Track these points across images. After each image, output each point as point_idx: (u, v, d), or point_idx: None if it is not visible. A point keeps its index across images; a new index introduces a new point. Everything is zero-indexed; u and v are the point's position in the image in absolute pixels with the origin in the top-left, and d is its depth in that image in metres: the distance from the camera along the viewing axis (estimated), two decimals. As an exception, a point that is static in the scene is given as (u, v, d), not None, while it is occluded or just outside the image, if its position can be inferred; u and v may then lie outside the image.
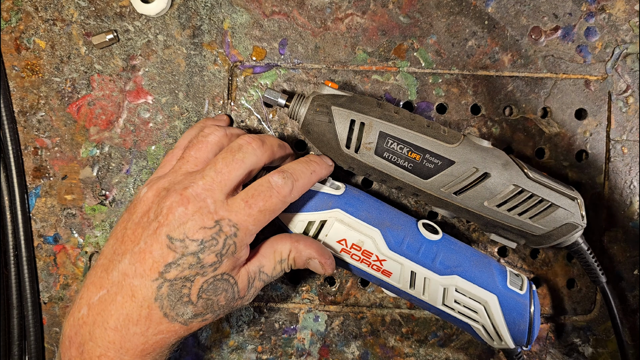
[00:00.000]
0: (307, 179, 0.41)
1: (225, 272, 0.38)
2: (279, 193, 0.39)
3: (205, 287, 0.37)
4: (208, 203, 0.37)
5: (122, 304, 0.37)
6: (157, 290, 0.36)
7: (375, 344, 0.53)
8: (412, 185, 0.45)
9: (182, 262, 0.36)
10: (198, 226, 0.36)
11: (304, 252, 0.42)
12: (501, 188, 0.44)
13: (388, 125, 0.43)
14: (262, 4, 0.50)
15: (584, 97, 0.51)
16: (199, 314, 0.38)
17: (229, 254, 0.37)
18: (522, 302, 0.45)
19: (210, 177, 0.38)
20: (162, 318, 0.37)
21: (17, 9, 0.51)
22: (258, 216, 0.38)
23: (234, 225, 0.37)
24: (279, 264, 0.42)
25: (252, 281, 0.40)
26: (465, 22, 0.50)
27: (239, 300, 0.40)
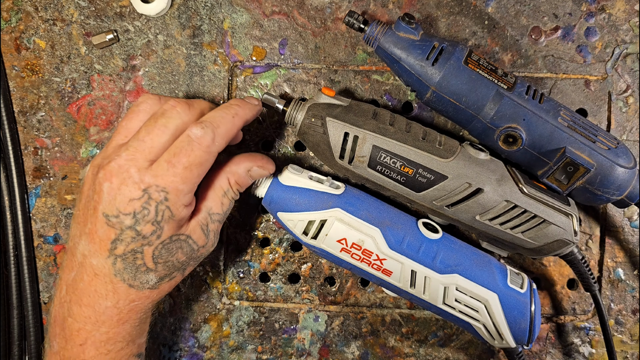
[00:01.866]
0: (230, 123, 0.40)
1: (171, 235, 0.38)
2: (200, 144, 0.38)
3: (157, 254, 0.38)
4: (132, 173, 0.37)
5: (89, 282, 0.38)
6: (113, 266, 0.37)
7: (375, 344, 0.53)
8: (405, 197, 0.46)
9: (124, 238, 0.37)
10: (127, 199, 0.36)
11: (239, 170, 0.42)
12: (494, 203, 0.44)
13: (382, 139, 0.44)
14: (262, 4, 0.50)
15: (584, 97, 0.51)
16: (164, 276, 0.39)
17: (166, 219, 0.37)
18: (522, 301, 0.45)
19: (133, 147, 0.37)
20: (128, 289, 0.38)
21: (17, 9, 0.51)
22: (185, 173, 0.37)
23: (163, 190, 0.37)
24: (224, 196, 0.42)
25: (206, 227, 0.40)
26: (465, 22, 0.50)
27: (202, 249, 0.41)
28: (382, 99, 0.51)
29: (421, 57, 0.44)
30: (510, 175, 0.45)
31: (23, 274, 0.51)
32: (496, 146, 0.45)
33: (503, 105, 0.43)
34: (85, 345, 0.39)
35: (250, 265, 0.53)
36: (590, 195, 0.45)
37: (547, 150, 0.44)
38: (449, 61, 0.43)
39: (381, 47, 0.45)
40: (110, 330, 0.39)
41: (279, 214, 0.46)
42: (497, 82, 0.44)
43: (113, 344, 0.40)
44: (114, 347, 0.40)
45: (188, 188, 0.38)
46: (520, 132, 0.43)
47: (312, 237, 0.45)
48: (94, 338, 0.39)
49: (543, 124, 0.43)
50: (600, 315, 0.49)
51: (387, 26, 0.45)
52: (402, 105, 0.51)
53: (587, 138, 0.43)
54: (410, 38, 0.44)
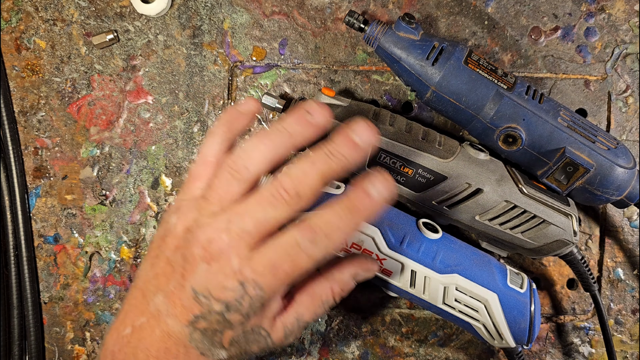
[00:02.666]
0: (345, 235, 0.33)
1: (255, 325, 0.37)
2: (308, 257, 0.34)
3: (236, 339, 0.37)
4: (232, 262, 0.34)
5: (160, 337, 0.36)
6: (190, 335, 0.36)
7: (375, 344, 0.53)
8: (405, 197, 0.46)
9: (210, 318, 0.35)
10: (222, 286, 0.34)
11: (344, 278, 0.39)
12: (493, 204, 0.44)
13: (382, 139, 0.44)
14: (262, 4, 0.50)
15: (583, 97, 0.51)
16: (234, 357, 0.38)
17: (256, 311, 0.36)
18: (522, 301, 0.45)
19: (236, 233, 0.34)
20: (199, 356, 0.37)
21: (18, 9, 0.51)
22: (286, 279, 0.35)
23: (260, 288, 0.34)
24: (321, 307, 0.39)
25: (291, 332, 0.39)
26: (465, 22, 0.50)
27: (271, 346, 0.39)
28: (382, 99, 0.51)
29: (421, 57, 0.44)
30: (510, 175, 0.45)
31: (23, 274, 0.51)
32: (496, 146, 0.45)
33: (503, 105, 0.43)
34: None
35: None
36: (589, 195, 0.45)
37: (546, 151, 0.44)
38: (449, 61, 0.44)
39: (381, 47, 0.45)
40: None
41: None
42: (497, 82, 0.44)
43: None
44: None
45: (284, 289, 0.36)
46: (520, 132, 0.43)
47: (312, 237, 0.45)
48: None
49: (543, 124, 0.43)
50: (599, 315, 0.49)
51: (387, 26, 0.45)
52: (402, 105, 0.51)
53: (587, 138, 0.43)
54: (411, 38, 0.45)
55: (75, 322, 0.53)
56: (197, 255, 0.35)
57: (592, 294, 0.49)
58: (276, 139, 0.35)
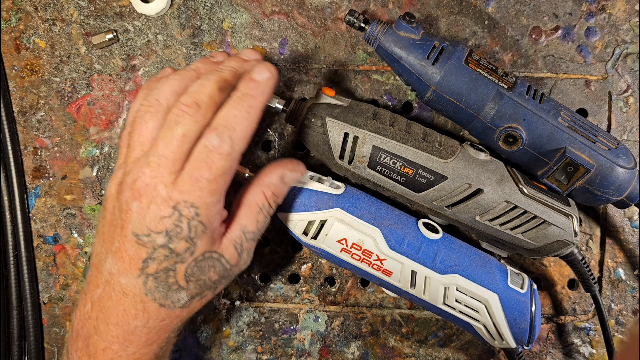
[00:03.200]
0: (246, 121, 0.37)
1: (204, 251, 0.37)
2: (220, 154, 0.36)
3: (190, 272, 0.37)
4: (159, 191, 0.36)
5: (117, 301, 0.37)
6: (144, 285, 0.37)
7: (375, 344, 0.53)
8: (405, 197, 0.46)
9: (156, 256, 0.36)
10: (158, 217, 0.36)
11: (273, 180, 0.41)
12: (493, 204, 0.44)
13: (381, 139, 0.44)
14: (262, 4, 0.50)
15: (584, 97, 0.51)
16: (196, 295, 0.38)
17: (199, 234, 0.36)
18: (523, 301, 0.45)
19: (155, 162, 0.36)
20: (159, 309, 0.37)
21: (17, 9, 0.51)
22: (211, 186, 0.36)
23: (192, 206, 0.36)
24: (260, 213, 0.40)
25: (240, 246, 0.39)
26: (466, 22, 0.50)
27: (235, 268, 0.40)
28: (382, 99, 0.51)
29: (422, 57, 0.44)
30: (511, 175, 0.45)
31: (22, 274, 0.51)
32: (496, 146, 0.45)
33: (503, 105, 0.43)
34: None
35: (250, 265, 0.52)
36: (590, 195, 0.45)
37: (547, 151, 0.44)
38: (449, 61, 0.43)
39: (382, 47, 0.45)
40: (137, 351, 0.38)
41: (278, 214, 0.46)
42: (498, 82, 0.43)
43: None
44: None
45: (216, 199, 0.37)
46: (520, 132, 0.43)
47: (312, 238, 0.45)
48: (119, 358, 0.38)
49: (543, 124, 0.43)
50: (600, 315, 0.49)
51: (387, 25, 0.45)
52: (402, 105, 0.51)
53: (587, 138, 0.43)
54: (411, 37, 0.44)
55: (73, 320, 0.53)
56: (128, 199, 0.36)
57: (593, 294, 0.49)
58: (184, 75, 0.38)
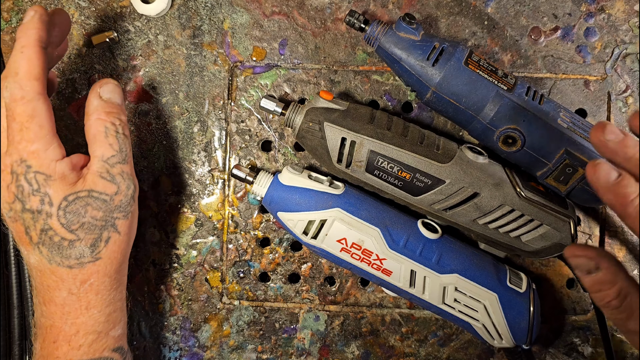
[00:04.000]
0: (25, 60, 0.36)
1: (65, 195, 0.37)
2: (15, 101, 0.36)
3: (64, 221, 0.38)
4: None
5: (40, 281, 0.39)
6: (42, 255, 0.38)
7: (375, 344, 0.53)
8: (403, 200, 0.46)
9: (27, 223, 0.37)
10: (5, 188, 0.37)
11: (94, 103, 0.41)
12: (490, 208, 0.44)
13: (379, 144, 0.44)
14: (262, 5, 0.50)
15: (583, 97, 0.51)
16: (95, 241, 0.38)
17: (43, 183, 0.37)
18: (522, 301, 0.45)
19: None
20: (69, 271, 0.38)
21: (18, 9, 0.51)
22: (26, 135, 0.36)
23: (21, 161, 0.37)
24: (107, 137, 0.40)
25: (108, 174, 0.39)
26: (465, 22, 0.50)
27: (116, 196, 0.39)
28: (382, 100, 0.51)
29: (422, 58, 0.44)
30: (509, 178, 0.45)
31: (24, 274, 0.51)
32: (496, 147, 0.45)
33: (503, 106, 0.43)
34: (58, 342, 0.39)
35: (250, 265, 0.53)
36: (589, 196, 0.45)
37: (546, 152, 0.44)
38: (449, 62, 0.44)
39: (382, 47, 0.45)
40: (76, 320, 0.39)
41: (279, 214, 0.46)
42: (497, 83, 0.44)
43: (83, 336, 0.39)
44: (85, 340, 0.39)
45: (42, 143, 0.37)
46: (519, 133, 0.43)
47: (312, 237, 0.46)
48: (64, 333, 0.39)
49: (543, 125, 0.43)
50: (598, 315, 0.49)
51: (387, 26, 0.45)
52: (402, 106, 0.51)
53: (587, 139, 0.43)
54: (411, 38, 0.45)
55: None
56: None
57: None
58: None
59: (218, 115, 0.51)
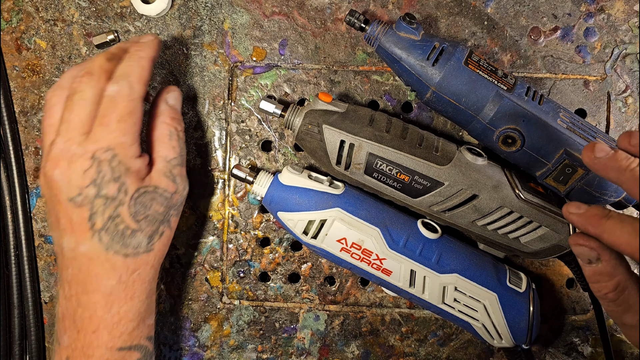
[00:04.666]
0: (139, 67, 0.41)
1: (137, 187, 0.39)
2: (121, 96, 0.39)
3: (133, 210, 0.39)
4: (74, 150, 0.38)
5: (87, 270, 0.39)
6: (101, 243, 0.38)
7: (375, 344, 0.53)
8: (402, 202, 0.46)
9: (97, 209, 0.38)
10: (81, 173, 0.38)
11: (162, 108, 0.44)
12: (489, 210, 0.44)
13: (377, 146, 0.44)
14: (262, 5, 0.51)
15: (583, 98, 0.51)
16: (153, 233, 0.40)
17: (124, 172, 0.39)
18: (522, 301, 0.45)
19: (64, 130, 0.39)
20: (125, 259, 0.39)
21: (18, 9, 0.51)
22: (121, 126, 0.39)
23: (108, 149, 0.38)
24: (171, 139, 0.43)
25: (170, 173, 0.42)
26: (465, 23, 0.50)
27: (176, 195, 0.42)
28: (382, 100, 0.51)
29: (422, 57, 0.44)
30: (508, 180, 0.45)
31: (24, 274, 0.52)
32: (495, 147, 0.45)
33: (502, 106, 0.43)
34: (98, 331, 0.40)
35: (250, 264, 0.53)
36: (588, 197, 0.45)
37: (546, 152, 0.44)
38: (449, 62, 0.44)
39: (382, 47, 0.45)
40: (120, 309, 0.40)
41: (279, 214, 0.46)
42: (497, 83, 0.44)
43: (125, 324, 0.40)
44: (126, 329, 0.41)
45: (130, 139, 0.39)
46: (519, 133, 0.43)
47: (312, 237, 0.46)
48: (105, 322, 0.40)
49: (542, 125, 0.43)
50: (598, 314, 0.49)
51: (388, 26, 0.45)
52: (401, 106, 0.51)
53: (586, 140, 0.44)
54: (411, 38, 0.45)
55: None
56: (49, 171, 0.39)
57: (591, 293, 0.49)
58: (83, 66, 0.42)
59: (218, 115, 0.52)
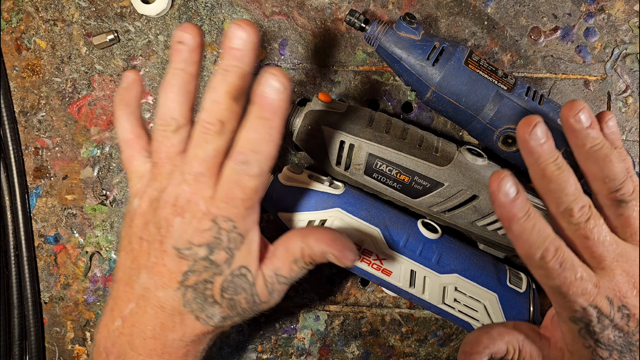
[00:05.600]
0: (268, 142, 0.36)
1: (240, 265, 0.38)
2: (249, 176, 0.36)
3: (226, 286, 0.37)
4: (200, 206, 0.37)
5: (154, 315, 0.37)
6: (183, 298, 0.37)
7: (375, 344, 0.53)
8: (402, 202, 0.46)
9: (197, 268, 0.37)
10: (199, 231, 0.36)
11: (315, 248, 0.39)
12: (489, 210, 0.44)
13: (377, 147, 0.44)
14: (262, 5, 0.51)
15: (583, 98, 0.51)
16: (227, 317, 0.38)
17: (238, 245, 0.37)
18: (522, 301, 0.45)
19: (192, 179, 0.37)
20: (195, 322, 0.38)
21: (18, 9, 0.51)
22: (245, 204, 0.37)
23: (229, 219, 0.37)
24: (294, 264, 0.40)
25: (272, 285, 0.40)
26: (465, 23, 0.50)
27: (263, 305, 0.40)
28: (382, 99, 0.51)
29: (422, 57, 0.44)
30: None
31: (24, 274, 0.52)
32: (495, 147, 0.45)
33: (503, 106, 0.43)
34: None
35: (250, 265, 0.53)
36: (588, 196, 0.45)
37: None
38: (449, 61, 0.44)
39: (382, 47, 0.45)
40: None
41: (279, 214, 0.46)
42: (497, 83, 0.44)
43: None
44: None
45: (251, 213, 0.38)
46: None
47: (312, 237, 0.46)
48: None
49: None
50: None
51: (388, 26, 0.45)
52: (401, 106, 0.51)
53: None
54: (411, 38, 0.45)
55: (75, 322, 0.53)
56: (169, 215, 0.37)
57: None
58: (175, 80, 0.38)
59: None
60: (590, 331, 0.35)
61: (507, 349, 0.40)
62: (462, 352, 0.41)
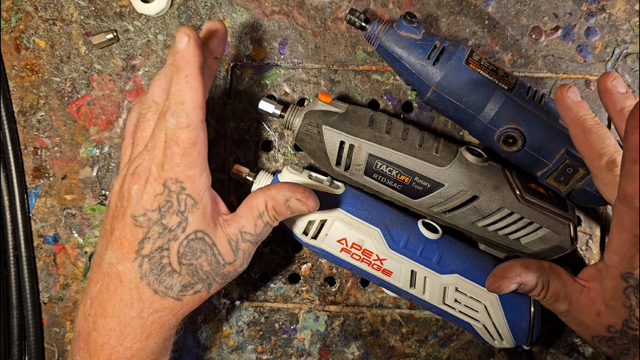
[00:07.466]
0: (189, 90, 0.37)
1: (196, 229, 0.38)
2: (180, 128, 0.37)
3: (182, 251, 0.38)
4: (152, 170, 0.38)
5: (114, 291, 0.38)
6: (140, 269, 0.38)
7: (375, 344, 0.53)
8: (402, 203, 0.46)
9: (151, 235, 0.37)
10: (152, 195, 0.38)
11: (278, 197, 0.40)
12: (489, 211, 0.44)
13: (377, 147, 0.44)
14: (262, 4, 0.50)
15: (584, 97, 0.51)
16: (188, 285, 0.39)
17: (189, 208, 0.38)
18: (522, 301, 0.45)
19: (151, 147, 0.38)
20: (153, 295, 0.38)
21: (17, 9, 0.51)
22: (185, 159, 0.38)
23: (177, 181, 0.38)
24: (259, 218, 0.41)
25: (236, 244, 0.40)
26: (466, 22, 0.50)
27: (229, 266, 0.40)
28: (382, 99, 0.51)
29: (422, 57, 0.44)
30: (508, 181, 0.45)
31: (23, 274, 0.51)
32: (496, 147, 0.45)
33: (503, 106, 0.43)
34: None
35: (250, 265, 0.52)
36: (589, 197, 0.45)
37: (546, 152, 0.44)
38: (450, 61, 0.43)
39: (382, 46, 0.45)
40: (133, 345, 0.39)
41: None
42: (498, 82, 0.43)
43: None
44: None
45: (197, 171, 0.38)
46: (520, 133, 0.43)
47: (312, 237, 0.46)
48: (117, 354, 0.38)
49: (543, 125, 0.43)
50: None
51: (388, 25, 0.45)
52: (402, 105, 0.51)
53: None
54: (412, 37, 0.44)
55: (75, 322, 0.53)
56: (129, 184, 0.38)
57: None
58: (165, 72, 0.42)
59: (218, 115, 0.51)
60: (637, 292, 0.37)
61: (537, 283, 0.41)
62: (492, 275, 0.42)
